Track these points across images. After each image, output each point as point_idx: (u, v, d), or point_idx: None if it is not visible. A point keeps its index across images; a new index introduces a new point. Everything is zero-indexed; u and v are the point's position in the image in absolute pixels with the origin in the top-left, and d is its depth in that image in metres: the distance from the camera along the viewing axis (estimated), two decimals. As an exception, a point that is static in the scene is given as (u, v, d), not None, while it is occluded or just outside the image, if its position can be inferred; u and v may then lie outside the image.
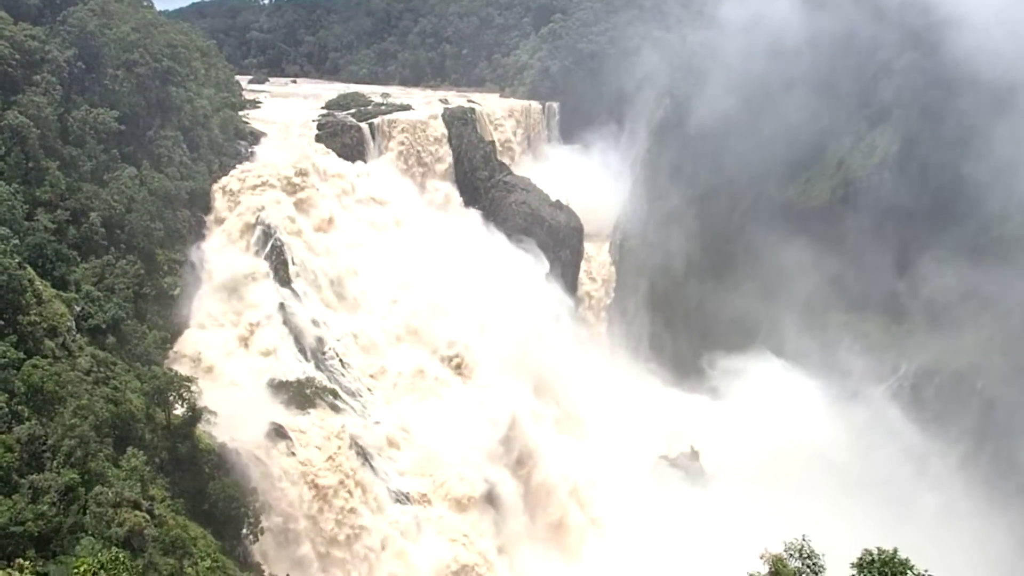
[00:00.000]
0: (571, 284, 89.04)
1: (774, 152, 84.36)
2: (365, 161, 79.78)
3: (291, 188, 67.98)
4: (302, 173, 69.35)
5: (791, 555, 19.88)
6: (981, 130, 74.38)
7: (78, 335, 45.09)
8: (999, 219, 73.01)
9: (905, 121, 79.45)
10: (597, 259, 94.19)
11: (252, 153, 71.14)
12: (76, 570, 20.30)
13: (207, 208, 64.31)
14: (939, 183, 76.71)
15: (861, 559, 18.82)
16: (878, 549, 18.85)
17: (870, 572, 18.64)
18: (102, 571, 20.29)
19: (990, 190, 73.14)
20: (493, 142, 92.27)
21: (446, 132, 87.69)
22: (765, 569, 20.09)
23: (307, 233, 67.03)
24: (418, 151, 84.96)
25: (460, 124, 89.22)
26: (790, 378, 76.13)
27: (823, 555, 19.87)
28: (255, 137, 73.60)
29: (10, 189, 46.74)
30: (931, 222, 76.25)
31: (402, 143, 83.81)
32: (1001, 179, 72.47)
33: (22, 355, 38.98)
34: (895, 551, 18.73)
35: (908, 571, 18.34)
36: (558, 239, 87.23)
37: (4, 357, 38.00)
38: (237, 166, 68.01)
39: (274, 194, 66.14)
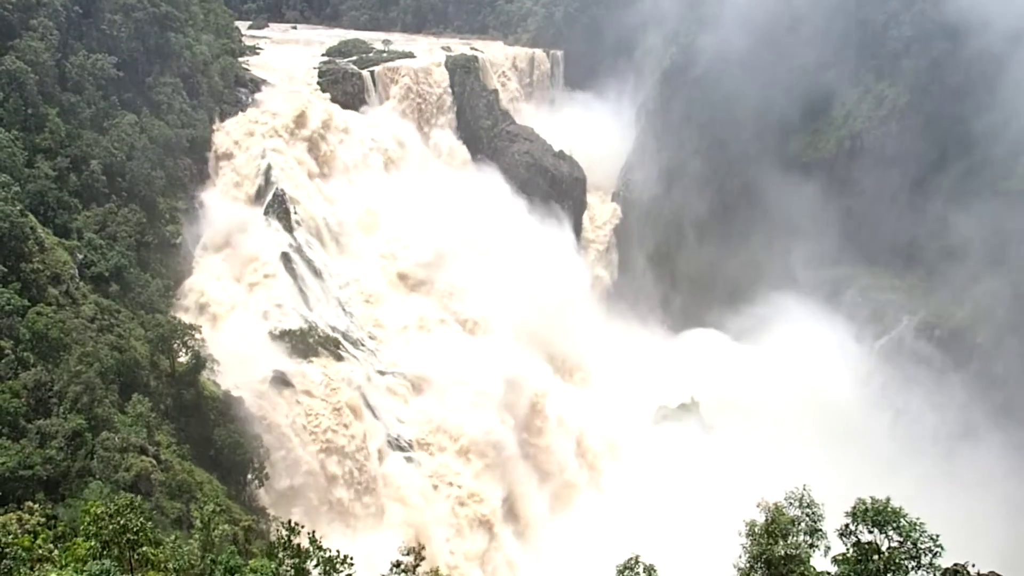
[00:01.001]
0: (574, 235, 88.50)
1: (781, 103, 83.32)
2: (369, 107, 78.83)
3: (293, 137, 67.41)
4: (305, 122, 68.66)
5: (791, 503, 20.00)
6: (990, 80, 73.39)
7: (81, 283, 45.34)
8: (1006, 172, 72.49)
9: (914, 72, 78.30)
10: (601, 210, 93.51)
11: (253, 100, 70.33)
12: (87, 513, 20.64)
13: (208, 156, 63.88)
14: (947, 136, 76.07)
15: (854, 508, 19.06)
16: (871, 498, 19.05)
17: (863, 520, 18.92)
18: (117, 516, 20.60)
19: (998, 143, 72.53)
20: (496, 91, 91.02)
21: (448, 80, 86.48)
22: (763, 518, 20.23)
23: (310, 183, 66.65)
24: (420, 99, 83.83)
25: (463, 72, 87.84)
26: (795, 329, 76.48)
27: (823, 504, 20.00)
28: (256, 84, 72.67)
29: (9, 136, 46.51)
30: (938, 175, 75.81)
31: (404, 91, 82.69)
32: (1010, 130, 71.77)
33: (26, 302, 39.31)
34: (888, 500, 18.93)
35: (901, 519, 18.59)
36: (561, 190, 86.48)
37: (8, 304, 38.28)
38: (239, 113, 67.38)
39: (276, 142, 65.62)
